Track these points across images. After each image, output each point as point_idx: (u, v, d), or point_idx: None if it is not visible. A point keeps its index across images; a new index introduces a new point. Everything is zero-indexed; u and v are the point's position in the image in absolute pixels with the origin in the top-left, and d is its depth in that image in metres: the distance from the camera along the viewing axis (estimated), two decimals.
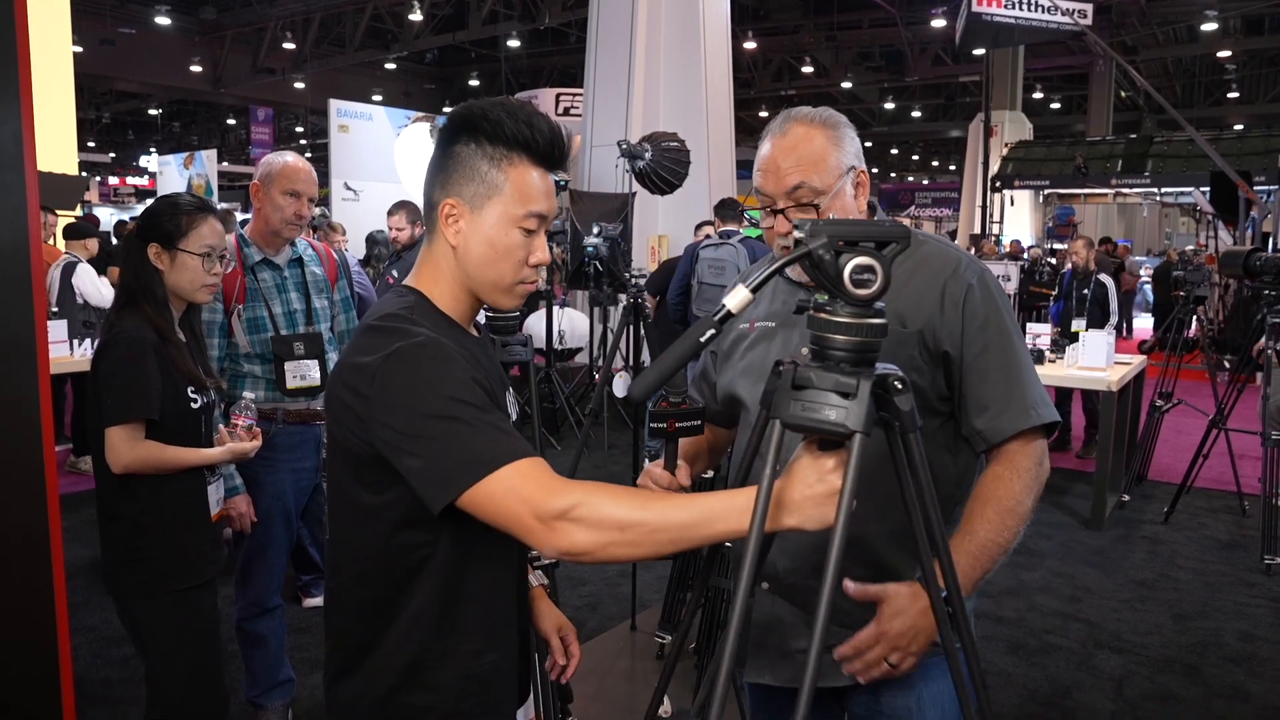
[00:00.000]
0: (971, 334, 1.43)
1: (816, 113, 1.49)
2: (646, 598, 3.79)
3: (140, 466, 1.93)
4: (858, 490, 1.07)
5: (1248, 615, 3.84)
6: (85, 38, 17.11)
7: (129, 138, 31.16)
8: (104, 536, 2.01)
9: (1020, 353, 1.46)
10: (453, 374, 1.12)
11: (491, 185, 1.20)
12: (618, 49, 9.93)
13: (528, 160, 1.21)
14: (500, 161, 1.20)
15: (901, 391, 1.07)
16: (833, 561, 1.00)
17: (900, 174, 38.20)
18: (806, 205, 1.43)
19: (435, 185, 1.24)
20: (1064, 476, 5.99)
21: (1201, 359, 6.60)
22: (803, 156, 1.44)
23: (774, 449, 1.05)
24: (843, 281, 1.00)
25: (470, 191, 1.21)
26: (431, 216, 1.25)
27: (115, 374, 1.93)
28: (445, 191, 1.22)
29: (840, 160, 1.45)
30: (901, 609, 1.31)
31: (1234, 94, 23.96)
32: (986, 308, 1.44)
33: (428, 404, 1.10)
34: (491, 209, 1.21)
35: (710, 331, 0.99)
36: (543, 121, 1.22)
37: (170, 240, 2.02)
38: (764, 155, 1.47)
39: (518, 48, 21.51)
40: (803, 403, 1.05)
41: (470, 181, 1.20)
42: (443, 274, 1.25)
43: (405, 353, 1.12)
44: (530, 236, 1.23)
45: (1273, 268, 4.42)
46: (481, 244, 1.21)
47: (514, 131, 1.20)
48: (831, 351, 1.04)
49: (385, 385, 1.11)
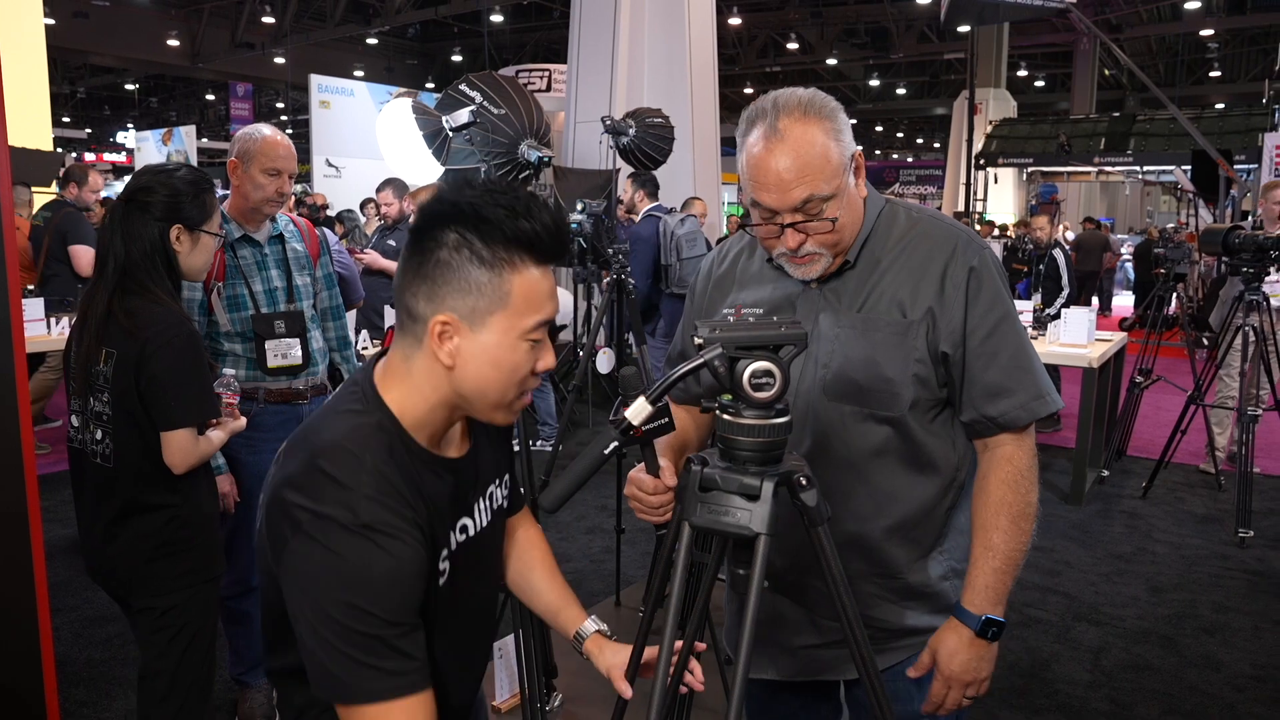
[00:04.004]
0: (976, 319, 1.36)
1: (809, 102, 1.33)
2: (631, 573, 3.81)
3: (197, 464, 1.93)
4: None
5: (1222, 587, 3.90)
6: (58, 10, 16.78)
7: (105, 113, 30.67)
8: (127, 531, 1.94)
9: (1025, 337, 1.40)
10: (376, 576, 0.99)
11: (493, 298, 1.02)
12: (601, 24, 9.84)
13: (530, 260, 1.04)
14: (501, 268, 1.02)
15: (806, 488, 1.11)
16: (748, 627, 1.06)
17: (885, 151, 38.20)
18: (816, 215, 1.32)
19: (417, 295, 1.04)
20: (1045, 452, 6.01)
21: (1181, 336, 6.66)
22: (807, 164, 1.29)
23: (684, 550, 1.09)
24: (742, 387, 1.04)
25: (467, 306, 1.03)
26: (414, 329, 1.06)
27: (179, 374, 1.87)
28: (434, 305, 1.03)
29: (842, 155, 1.32)
30: (953, 649, 1.37)
31: (1216, 73, 24.04)
32: (990, 291, 1.38)
33: (333, 601, 0.98)
34: (495, 325, 1.03)
35: (614, 444, 1.03)
36: (543, 210, 1.04)
37: (196, 223, 1.98)
38: (760, 162, 1.31)
39: (500, 22, 21.30)
40: (709, 505, 1.09)
41: (466, 295, 1.02)
42: (423, 393, 1.08)
43: (334, 536, 0.99)
44: (537, 346, 1.07)
45: (1251, 245, 4.45)
46: (484, 365, 1.05)
47: (514, 231, 1.02)
48: (737, 452, 1.08)
49: (303, 556, 1.00)
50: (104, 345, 1.89)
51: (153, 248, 1.93)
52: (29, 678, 1.78)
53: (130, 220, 1.93)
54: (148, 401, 1.87)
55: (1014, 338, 1.38)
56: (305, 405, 2.59)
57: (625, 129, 6.86)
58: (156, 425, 1.89)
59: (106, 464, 1.92)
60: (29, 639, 1.77)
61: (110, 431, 1.90)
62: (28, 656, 1.77)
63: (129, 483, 1.92)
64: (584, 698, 2.74)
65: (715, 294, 1.56)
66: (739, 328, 1.07)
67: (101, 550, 1.98)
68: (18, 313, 1.69)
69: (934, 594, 1.47)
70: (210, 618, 2.08)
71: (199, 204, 1.99)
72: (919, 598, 1.47)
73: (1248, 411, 4.47)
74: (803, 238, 1.34)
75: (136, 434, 1.90)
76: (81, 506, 2.03)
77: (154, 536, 1.94)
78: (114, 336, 1.88)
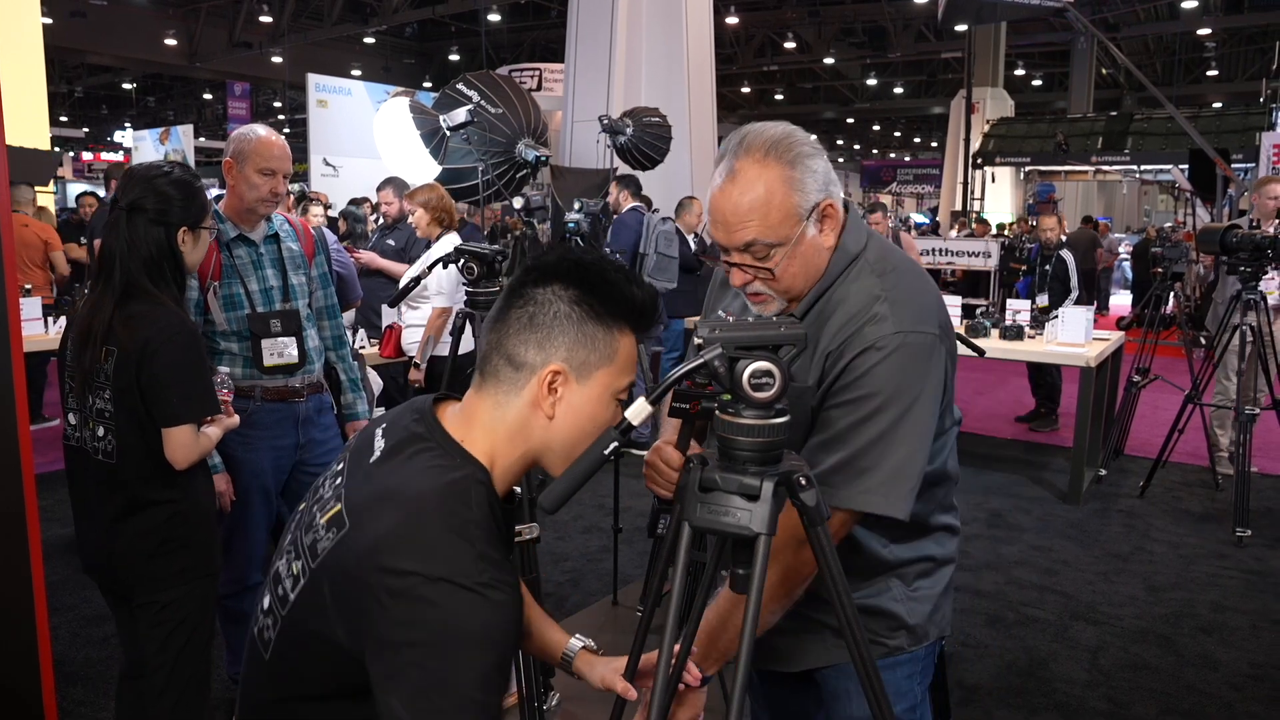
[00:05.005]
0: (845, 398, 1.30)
1: (775, 144, 1.29)
2: (628, 573, 3.81)
3: (197, 460, 1.95)
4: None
5: (1219, 586, 3.91)
6: (55, 9, 16.76)
7: (102, 112, 30.63)
8: (130, 528, 1.95)
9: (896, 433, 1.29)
10: (489, 662, 0.97)
11: (603, 354, 1.08)
12: (599, 23, 9.84)
13: (629, 327, 1.11)
14: (614, 328, 1.09)
15: (806, 488, 1.11)
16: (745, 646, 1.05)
17: (882, 151, 38.17)
18: (763, 259, 1.31)
19: (527, 344, 1.07)
20: (1043, 451, 6.04)
21: (1178, 335, 6.66)
22: (753, 209, 1.27)
23: (684, 550, 1.09)
24: (741, 387, 1.04)
25: (578, 359, 1.07)
26: (515, 377, 1.08)
27: (180, 371, 1.90)
28: (547, 353, 1.07)
29: (799, 204, 1.29)
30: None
31: (1213, 72, 24.06)
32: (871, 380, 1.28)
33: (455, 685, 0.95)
34: (598, 379, 1.09)
35: (614, 444, 1.03)
36: (647, 286, 1.12)
37: (197, 221, 2.03)
38: (713, 198, 1.31)
39: (498, 22, 21.27)
40: (709, 505, 1.09)
41: (580, 348, 1.07)
42: (514, 443, 1.09)
43: (454, 598, 0.95)
44: (618, 408, 1.11)
45: (1248, 244, 4.46)
46: (581, 417, 1.09)
47: (628, 296, 1.09)
48: (737, 452, 1.08)
49: (410, 623, 0.95)
50: (105, 344, 1.91)
51: (160, 251, 1.96)
52: (27, 677, 1.78)
53: (135, 227, 1.96)
54: (149, 398, 1.89)
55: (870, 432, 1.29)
56: (301, 404, 2.59)
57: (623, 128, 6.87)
58: (157, 422, 1.91)
59: (109, 460, 1.94)
60: (27, 638, 1.77)
61: (113, 428, 1.92)
62: (25, 656, 1.77)
63: (132, 479, 1.94)
64: (582, 697, 2.74)
65: (717, 296, 1.61)
66: (739, 328, 1.07)
67: (104, 547, 1.99)
68: (15, 312, 1.69)
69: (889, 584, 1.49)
70: (208, 614, 2.09)
71: (197, 203, 2.03)
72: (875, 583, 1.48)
73: (1245, 411, 4.48)
74: (748, 277, 1.35)
75: (138, 431, 1.92)
76: (81, 504, 2.04)
77: (156, 533, 1.96)
78: (115, 335, 1.90)
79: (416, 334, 4.38)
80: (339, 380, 2.85)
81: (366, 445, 1.14)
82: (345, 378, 2.86)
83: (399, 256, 5.23)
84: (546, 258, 1.11)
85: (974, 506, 4.83)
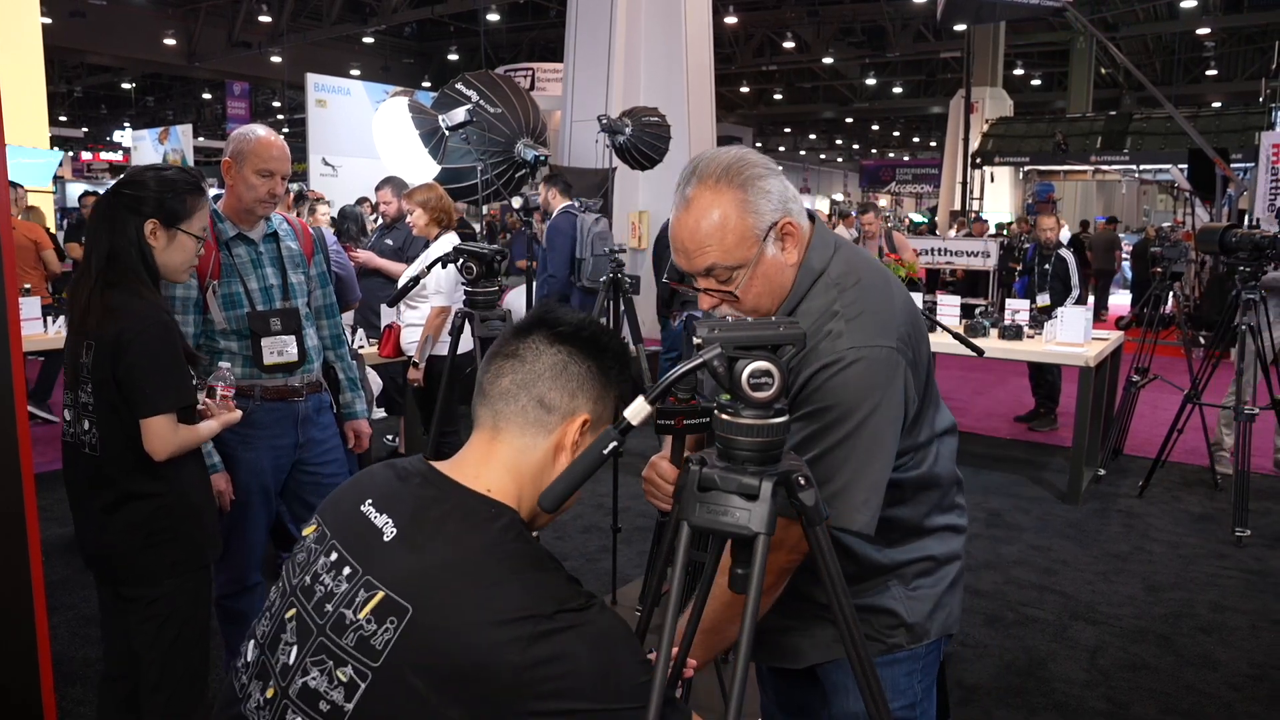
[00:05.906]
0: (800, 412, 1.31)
1: (727, 169, 1.32)
2: (627, 572, 3.82)
3: (177, 451, 1.94)
4: None
5: (1218, 586, 3.91)
6: (54, 9, 16.76)
7: (101, 112, 30.62)
8: (118, 521, 1.96)
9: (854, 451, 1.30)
10: (638, 646, 1.06)
11: (606, 406, 1.18)
12: (598, 23, 9.85)
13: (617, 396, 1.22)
14: (613, 387, 1.19)
15: (805, 488, 1.11)
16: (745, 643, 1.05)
17: (881, 150, 38.18)
18: (726, 282, 1.35)
19: (561, 390, 1.15)
20: (1042, 451, 6.04)
21: (1178, 335, 6.67)
22: (708, 235, 1.32)
23: (682, 550, 1.09)
24: (740, 386, 1.04)
25: (598, 411, 1.17)
26: (547, 421, 1.15)
27: (154, 362, 1.89)
28: (577, 402, 1.16)
29: (755, 226, 1.32)
30: None
31: (1212, 71, 24.07)
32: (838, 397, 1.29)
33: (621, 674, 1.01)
34: (600, 432, 1.17)
35: (613, 444, 1.03)
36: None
37: (174, 219, 1.99)
38: (672, 226, 1.36)
39: (497, 21, 21.28)
40: (708, 505, 1.09)
41: (599, 402, 1.17)
42: (537, 484, 1.15)
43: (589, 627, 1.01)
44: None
45: (1248, 244, 4.46)
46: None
47: (625, 360, 1.21)
48: (736, 451, 1.08)
49: (555, 659, 0.98)
50: (85, 337, 1.92)
51: (129, 241, 1.95)
52: (26, 676, 1.78)
53: (114, 212, 1.97)
54: (125, 390, 1.90)
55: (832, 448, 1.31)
56: (301, 402, 2.59)
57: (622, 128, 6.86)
58: (134, 413, 1.91)
59: (95, 454, 1.95)
60: (26, 637, 1.77)
61: (95, 422, 1.93)
62: (25, 655, 1.77)
63: (116, 472, 1.95)
64: None
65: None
66: (738, 328, 1.07)
67: (96, 539, 2.00)
68: (14, 311, 1.69)
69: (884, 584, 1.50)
70: (201, 608, 2.08)
71: (178, 201, 2.00)
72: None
73: (1244, 410, 4.48)
74: (715, 300, 1.38)
75: (119, 424, 1.92)
76: (75, 498, 2.05)
77: (143, 526, 1.96)
78: (93, 327, 1.92)
79: (415, 333, 4.38)
80: (338, 380, 2.85)
81: (365, 528, 1.10)
82: (344, 377, 2.86)
83: (396, 256, 5.23)
84: (575, 323, 1.18)
85: (973, 506, 4.83)
